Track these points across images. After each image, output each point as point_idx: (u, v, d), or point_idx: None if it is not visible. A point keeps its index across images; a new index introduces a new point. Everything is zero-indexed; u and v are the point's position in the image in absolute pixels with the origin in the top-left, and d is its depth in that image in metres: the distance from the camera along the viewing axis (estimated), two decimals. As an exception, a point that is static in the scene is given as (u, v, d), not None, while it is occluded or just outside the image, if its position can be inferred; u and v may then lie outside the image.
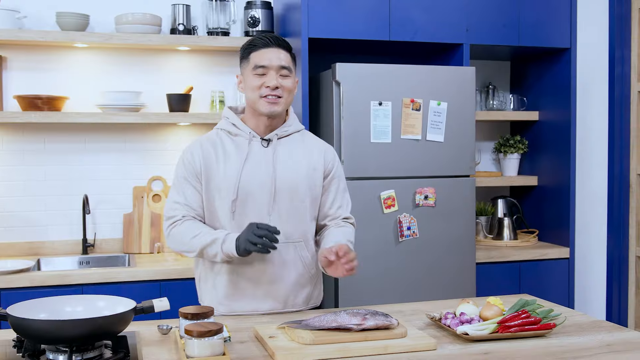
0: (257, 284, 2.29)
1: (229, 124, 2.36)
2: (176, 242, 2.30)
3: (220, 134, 2.36)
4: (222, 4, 3.69)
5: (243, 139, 2.32)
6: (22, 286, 3.09)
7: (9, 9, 3.40)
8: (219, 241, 2.19)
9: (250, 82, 2.28)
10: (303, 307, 2.38)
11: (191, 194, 2.30)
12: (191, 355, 1.76)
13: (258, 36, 2.33)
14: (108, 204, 3.72)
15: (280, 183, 2.28)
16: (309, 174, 2.34)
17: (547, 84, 4.04)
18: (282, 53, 2.30)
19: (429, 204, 3.40)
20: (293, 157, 2.34)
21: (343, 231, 2.38)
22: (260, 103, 2.27)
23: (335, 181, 2.43)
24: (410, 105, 3.36)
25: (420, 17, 3.56)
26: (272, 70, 2.26)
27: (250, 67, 2.28)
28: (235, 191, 2.25)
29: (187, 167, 2.32)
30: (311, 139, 2.45)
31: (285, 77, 2.29)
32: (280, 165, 2.30)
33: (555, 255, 3.81)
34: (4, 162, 3.59)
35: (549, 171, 4.03)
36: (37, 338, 1.73)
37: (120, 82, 3.71)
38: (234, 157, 2.29)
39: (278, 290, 2.31)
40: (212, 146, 2.32)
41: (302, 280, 2.35)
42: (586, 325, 2.13)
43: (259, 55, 2.27)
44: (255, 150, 2.31)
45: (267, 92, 2.26)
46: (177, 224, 2.29)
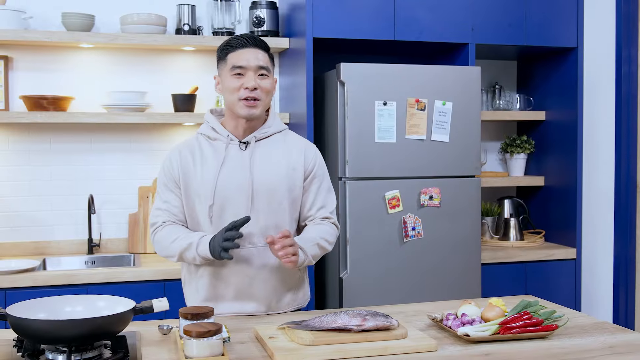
0: (238, 288, 2.28)
1: (208, 128, 2.34)
2: (159, 247, 2.30)
3: (199, 138, 2.35)
4: (228, 4, 3.69)
5: (221, 143, 2.31)
6: (27, 286, 3.10)
7: (14, 10, 3.41)
8: (193, 245, 2.20)
9: (228, 83, 2.26)
10: (287, 309, 2.36)
11: (171, 199, 2.30)
12: (190, 356, 1.75)
13: (235, 36, 2.30)
14: (113, 204, 3.73)
15: (258, 186, 2.26)
16: (288, 175, 2.30)
17: (553, 83, 4.02)
18: (260, 53, 2.28)
19: (434, 204, 3.39)
20: (272, 158, 2.31)
21: (318, 229, 2.32)
22: (239, 106, 2.25)
23: (316, 181, 2.37)
24: (415, 105, 3.35)
25: (426, 17, 3.55)
26: (250, 70, 2.24)
27: (227, 68, 2.26)
28: (212, 196, 2.24)
29: (167, 173, 2.32)
30: (293, 139, 2.40)
31: (264, 78, 2.27)
32: (257, 168, 2.28)
33: (561, 256, 3.79)
34: (10, 162, 3.60)
35: (556, 171, 4.00)
36: (36, 338, 1.73)
37: (126, 82, 3.71)
38: (211, 162, 2.28)
39: (260, 293, 2.29)
40: (190, 152, 2.31)
41: (284, 282, 2.33)
42: (589, 326, 2.12)
43: (237, 55, 2.25)
44: (232, 154, 2.29)
45: (246, 93, 2.23)
46: (158, 230, 2.30)
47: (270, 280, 2.30)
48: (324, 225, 2.35)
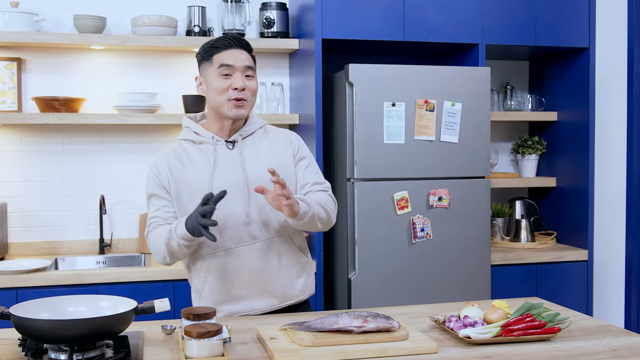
0: (250, 286, 2.29)
1: (190, 133, 2.34)
2: (153, 252, 2.29)
3: (183, 144, 2.35)
4: (238, 6, 3.71)
5: (208, 145, 2.31)
6: (38, 285, 3.13)
7: (27, 12, 3.45)
8: (172, 231, 2.17)
9: (215, 84, 2.26)
10: (301, 297, 2.38)
11: (162, 206, 2.29)
12: (190, 356, 1.76)
13: (219, 38, 2.30)
14: (124, 204, 3.76)
15: (252, 182, 2.26)
16: (280, 166, 2.31)
17: (565, 83, 3.99)
18: (245, 54, 2.29)
19: (443, 205, 3.38)
20: (260, 153, 2.33)
21: (316, 196, 2.32)
22: (227, 106, 2.25)
23: (304, 161, 2.39)
24: (424, 106, 3.34)
25: (435, 17, 3.54)
26: (238, 71, 2.26)
27: (214, 67, 2.26)
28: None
29: (155, 181, 2.31)
30: (274, 132, 2.43)
31: (250, 79, 2.28)
32: (249, 165, 2.29)
33: (573, 258, 3.76)
34: (23, 163, 3.64)
35: (568, 172, 3.98)
36: (38, 337, 1.75)
37: (137, 83, 3.74)
38: (202, 165, 2.28)
39: (272, 287, 2.31)
40: (177, 158, 2.31)
41: (293, 271, 2.35)
42: (593, 329, 2.10)
43: (223, 56, 2.26)
44: (221, 154, 2.30)
45: (235, 94, 2.24)
46: (149, 237, 2.29)
47: (280, 271, 2.31)
48: (321, 194, 2.35)
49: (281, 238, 2.32)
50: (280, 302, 2.33)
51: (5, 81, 3.54)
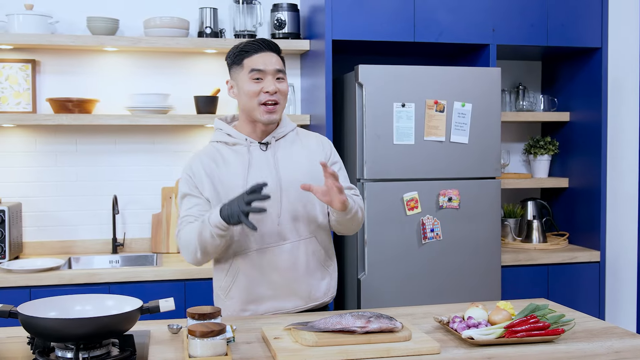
0: (277, 286, 2.31)
1: (223, 134, 2.37)
2: (183, 248, 2.28)
3: (217, 146, 2.37)
4: (249, 7, 3.73)
5: (242, 146, 2.33)
6: (52, 284, 3.18)
7: (41, 15, 3.49)
8: (205, 220, 2.17)
9: (246, 88, 2.28)
10: (324, 299, 2.41)
11: (194, 205, 2.30)
12: (194, 355, 1.79)
13: (248, 42, 2.31)
14: (137, 204, 3.80)
15: (286, 184, 2.29)
16: (312, 168, 2.34)
17: (578, 84, 3.97)
18: (275, 57, 2.31)
19: (452, 205, 3.38)
20: (293, 156, 2.36)
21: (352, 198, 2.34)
22: (259, 111, 2.27)
23: (337, 166, 2.44)
24: (434, 107, 3.35)
25: (446, 18, 3.54)
26: (269, 74, 2.27)
27: (245, 72, 2.28)
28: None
29: (188, 182, 2.33)
30: (306, 135, 2.46)
31: (281, 81, 2.30)
32: (282, 167, 2.32)
33: (585, 259, 3.74)
34: (37, 163, 3.69)
35: (580, 173, 3.96)
36: (45, 336, 1.78)
37: (149, 84, 3.78)
38: (237, 166, 2.30)
39: (298, 288, 2.33)
40: (211, 159, 2.33)
41: (318, 273, 2.38)
42: (597, 331, 2.10)
43: (254, 60, 2.27)
44: (255, 156, 2.32)
45: (266, 97, 2.26)
46: (179, 235, 2.29)
47: (307, 273, 2.34)
48: (355, 197, 2.37)
49: (310, 240, 2.34)
50: (305, 303, 2.36)
51: (20, 82, 3.59)
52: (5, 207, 3.35)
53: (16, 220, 3.49)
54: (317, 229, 2.36)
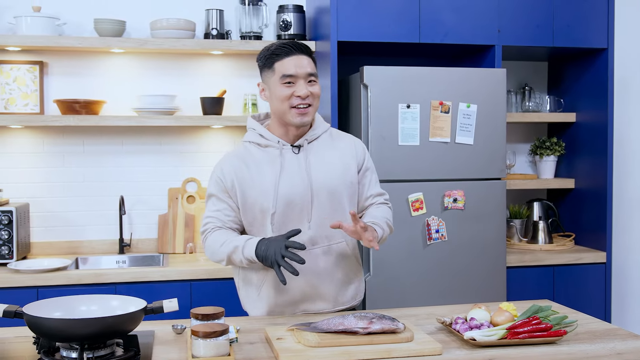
0: (305, 289, 2.31)
1: (256, 135, 2.35)
2: (209, 252, 2.31)
3: (248, 146, 2.35)
4: (255, 8, 3.74)
5: (273, 149, 2.32)
6: (59, 284, 3.20)
7: (49, 17, 3.52)
8: (239, 248, 2.19)
9: (278, 92, 2.26)
10: (352, 303, 2.42)
11: (222, 208, 2.30)
12: (197, 355, 1.80)
13: (278, 44, 2.29)
14: (144, 204, 3.82)
15: (317, 188, 2.28)
16: (344, 173, 2.34)
17: (584, 84, 3.96)
18: (306, 59, 2.28)
19: (458, 206, 3.38)
20: (325, 159, 2.34)
21: (380, 210, 2.39)
22: (291, 114, 2.26)
23: (369, 172, 2.44)
24: (439, 108, 3.35)
25: (451, 19, 3.54)
26: (301, 78, 2.25)
27: (276, 77, 2.26)
28: (274, 205, 2.25)
29: (218, 183, 2.32)
30: (339, 136, 2.44)
31: (313, 84, 2.28)
32: (314, 171, 2.30)
33: (591, 260, 3.73)
34: (45, 164, 3.72)
35: (586, 174, 3.95)
36: (50, 336, 1.80)
37: (155, 86, 3.80)
38: (268, 169, 2.29)
39: (326, 292, 2.34)
40: (242, 161, 2.32)
41: (347, 278, 2.38)
42: (600, 332, 2.10)
43: (284, 64, 2.25)
44: (287, 159, 2.30)
45: (298, 101, 2.25)
46: (208, 236, 2.30)
47: (335, 278, 2.34)
48: (383, 207, 2.40)
49: (339, 245, 2.34)
50: (332, 306, 2.36)
51: (28, 84, 3.62)
52: (13, 207, 3.37)
53: (24, 220, 3.51)
54: (347, 235, 2.33)
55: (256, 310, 2.37)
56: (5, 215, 3.35)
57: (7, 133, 3.67)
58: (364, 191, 2.42)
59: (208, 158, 3.85)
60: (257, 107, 3.81)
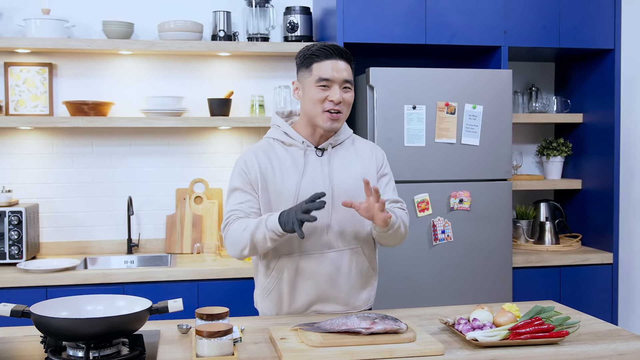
0: (317, 292, 2.32)
1: (280, 132, 2.35)
2: (231, 243, 2.27)
3: (272, 143, 2.35)
4: (262, 10, 3.77)
5: (297, 149, 2.32)
6: (67, 284, 3.23)
7: (58, 19, 3.56)
8: (262, 222, 2.17)
9: (312, 94, 2.26)
10: (363, 307, 2.42)
11: (246, 201, 2.30)
12: (201, 355, 1.82)
13: (320, 46, 2.27)
14: (151, 205, 3.85)
15: (338, 193, 2.29)
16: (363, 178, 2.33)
17: (591, 85, 3.96)
18: (344, 65, 2.26)
19: (464, 207, 3.39)
20: (347, 164, 2.35)
21: (398, 211, 2.37)
22: (322, 118, 2.26)
23: (386, 178, 2.44)
24: (445, 109, 3.36)
25: (457, 20, 3.55)
26: (336, 84, 2.24)
27: (313, 79, 2.25)
28: (294, 204, 2.24)
29: (242, 176, 2.31)
30: (360, 143, 2.45)
31: (347, 91, 2.28)
32: (336, 175, 2.31)
33: (597, 261, 3.73)
34: (54, 165, 3.76)
35: (593, 174, 3.95)
36: (57, 335, 1.83)
37: (163, 87, 3.83)
38: (291, 169, 2.30)
39: (338, 295, 2.34)
40: (266, 156, 2.32)
41: (360, 283, 2.39)
42: (603, 333, 2.10)
43: (323, 67, 2.24)
44: (311, 161, 2.31)
45: (330, 106, 2.25)
46: (229, 226, 2.28)
47: (347, 282, 2.35)
48: (400, 211, 2.38)
49: (354, 250, 2.34)
50: (343, 309, 2.37)
51: (37, 86, 3.66)
52: (22, 207, 3.41)
53: (33, 221, 3.55)
54: (364, 239, 2.36)
55: (267, 310, 2.39)
56: (14, 215, 3.39)
57: (16, 134, 3.71)
58: (382, 196, 2.40)
59: (215, 159, 3.88)
60: (264, 108, 3.83)
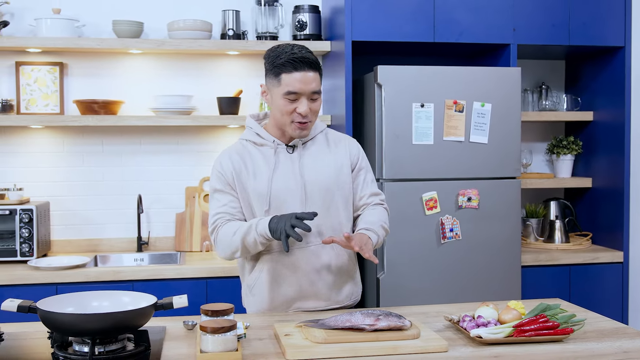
0: (298, 287, 2.34)
1: (253, 134, 2.39)
2: (222, 247, 2.31)
3: (245, 144, 2.39)
4: (271, 9, 3.78)
5: (269, 148, 2.36)
6: (77, 281, 3.26)
7: (69, 19, 3.58)
8: (253, 226, 2.21)
9: (279, 104, 2.27)
10: (346, 302, 2.44)
11: (229, 202, 2.33)
12: (205, 350, 1.83)
13: (288, 57, 2.22)
14: (161, 203, 3.87)
15: (310, 188, 2.31)
16: (338, 173, 2.36)
17: (601, 83, 3.94)
18: (313, 75, 2.25)
19: (472, 205, 3.38)
20: (319, 159, 2.37)
21: (377, 212, 2.40)
22: (291, 127, 2.28)
23: (363, 172, 2.45)
24: (453, 107, 3.36)
25: (466, 18, 3.54)
26: (304, 96, 2.25)
27: (281, 90, 2.24)
28: (268, 202, 2.29)
29: (220, 178, 2.35)
30: (334, 137, 2.46)
31: (315, 101, 2.29)
32: (307, 171, 2.33)
33: (607, 260, 3.71)
34: (65, 163, 3.79)
35: (604, 173, 3.93)
36: (62, 330, 1.84)
37: (173, 86, 3.85)
38: (262, 168, 2.33)
39: (319, 290, 2.36)
40: (240, 157, 2.35)
41: (341, 278, 2.40)
42: (608, 331, 2.10)
43: (291, 79, 2.22)
44: (281, 159, 2.34)
45: (299, 118, 2.26)
46: (219, 230, 2.31)
47: (329, 277, 2.36)
48: (379, 209, 2.42)
49: (332, 247, 2.35)
50: (326, 305, 2.39)
51: (48, 85, 3.69)
52: (33, 206, 3.44)
53: (44, 219, 3.58)
54: (340, 233, 2.37)
55: (251, 307, 2.41)
56: (26, 213, 3.42)
57: (28, 133, 3.75)
58: (358, 191, 2.43)
59: (225, 157, 3.89)
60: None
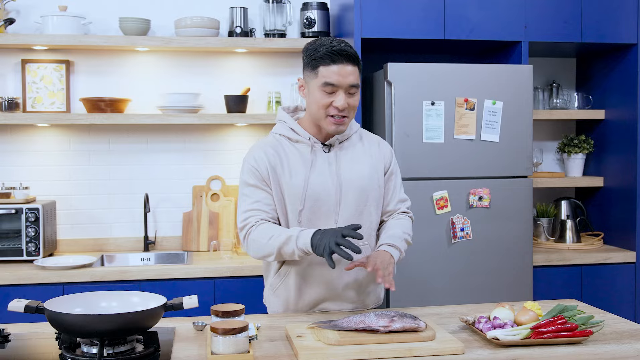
0: (326, 289, 2.29)
1: (287, 128, 2.31)
2: (254, 248, 2.23)
3: (279, 139, 2.31)
4: (279, 6, 3.74)
5: (304, 145, 2.28)
6: (84, 281, 3.22)
7: (75, 16, 3.55)
8: (293, 238, 2.12)
9: (316, 97, 2.20)
10: (373, 306, 2.40)
11: (262, 198, 2.25)
12: (216, 352, 1.80)
13: (327, 49, 2.17)
14: (168, 202, 3.84)
15: (346, 189, 2.26)
16: (371, 175, 2.31)
17: (613, 81, 3.89)
18: (351, 69, 2.18)
19: (483, 205, 3.34)
20: (355, 160, 2.31)
21: (401, 224, 2.35)
22: (326, 122, 2.22)
23: (394, 176, 2.41)
24: (464, 105, 3.31)
25: (476, 15, 3.50)
26: (342, 89, 2.18)
27: (318, 82, 2.18)
28: (302, 201, 2.23)
29: (253, 172, 2.26)
30: (368, 138, 2.41)
31: (353, 95, 2.22)
32: (343, 171, 2.27)
33: (619, 260, 3.67)
34: (71, 162, 3.75)
35: (616, 172, 3.88)
36: (70, 331, 1.80)
37: (180, 84, 3.81)
38: (299, 166, 2.26)
39: (347, 293, 2.32)
40: (275, 152, 2.27)
41: (369, 281, 2.35)
42: (628, 333, 2.05)
43: (329, 71, 2.16)
44: (318, 158, 2.27)
45: (335, 112, 2.19)
46: (252, 230, 2.22)
47: (356, 279, 2.32)
48: (404, 220, 2.38)
49: (363, 248, 2.29)
50: (353, 307, 2.35)
51: (54, 83, 3.66)
52: (39, 204, 3.41)
53: (50, 218, 3.55)
54: (371, 235, 2.33)
55: (272, 307, 2.36)
56: (32, 212, 3.38)
57: (34, 131, 3.71)
58: (388, 195, 2.38)
59: (232, 156, 3.86)
60: (281, 104, 3.80)
